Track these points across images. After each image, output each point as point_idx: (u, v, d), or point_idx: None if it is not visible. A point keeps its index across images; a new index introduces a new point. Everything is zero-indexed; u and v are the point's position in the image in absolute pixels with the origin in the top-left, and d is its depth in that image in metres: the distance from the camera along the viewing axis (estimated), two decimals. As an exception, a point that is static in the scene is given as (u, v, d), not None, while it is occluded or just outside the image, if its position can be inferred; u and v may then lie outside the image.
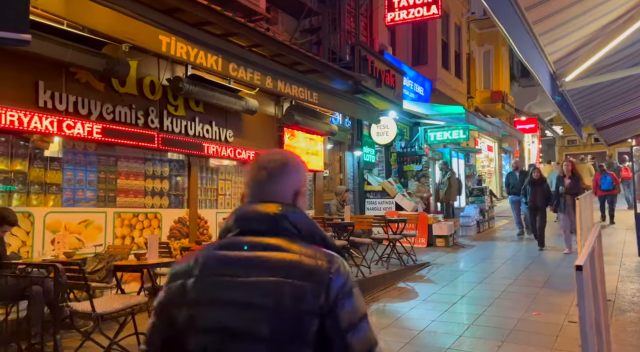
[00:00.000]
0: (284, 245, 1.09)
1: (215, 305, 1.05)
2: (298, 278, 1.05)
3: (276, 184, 1.19)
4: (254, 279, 1.05)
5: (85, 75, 5.21)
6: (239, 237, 1.13)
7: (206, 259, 1.11)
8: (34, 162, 4.86)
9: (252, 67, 6.38)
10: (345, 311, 1.06)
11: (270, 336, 1.01)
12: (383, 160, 12.96)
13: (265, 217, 1.13)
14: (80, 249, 5.07)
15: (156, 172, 6.10)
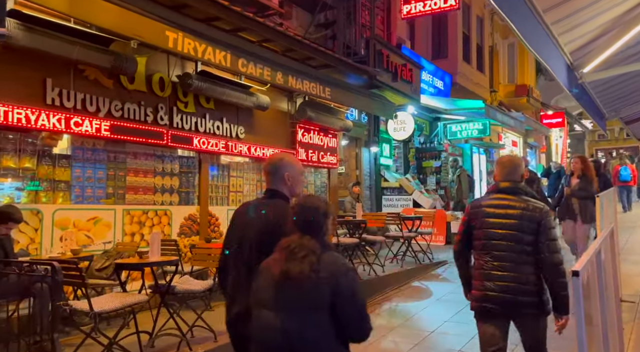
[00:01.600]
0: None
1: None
2: (530, 211, 2.68)
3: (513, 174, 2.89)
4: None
5: (94, 72, 5.21)
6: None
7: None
8: (43, 160, 4.90)
9: (262, 62, 6.29)
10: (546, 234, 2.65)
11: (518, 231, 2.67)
12: (401, 156, 12.74)
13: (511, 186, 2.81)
14: (89, 246, 5.10)
15: (166, 169, 6.09)
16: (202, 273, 5.64)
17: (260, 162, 7.50)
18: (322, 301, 1.85)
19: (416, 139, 12.92)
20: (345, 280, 1.89)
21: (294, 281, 1.85)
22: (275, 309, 1.89)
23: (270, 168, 2.31)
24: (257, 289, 1.98)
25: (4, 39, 2.83)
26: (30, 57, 4.58)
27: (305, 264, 1.86)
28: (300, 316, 1.85)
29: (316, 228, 1.98)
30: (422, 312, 5.83)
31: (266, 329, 1.91)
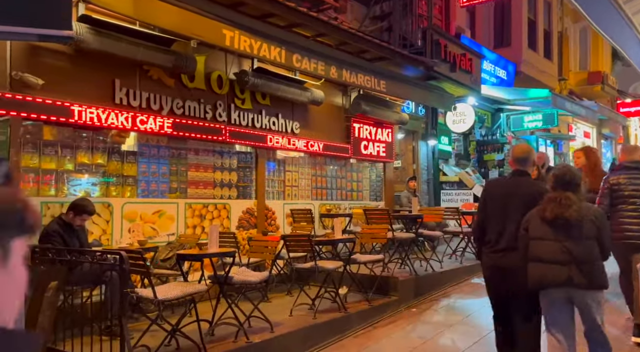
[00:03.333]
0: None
1: None
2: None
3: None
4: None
5: (157, 72, 5.47)
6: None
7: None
8: (112, 156, 5.22)
9: (317, 57, 6.31)
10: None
11: None
12: (461, 149, 12.32)
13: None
14: (154, 237, 5.37)
15: (224, 164, 6.29)
16: (259, 265, 5.78)
17: (315, 157, 7.55)
18: (592, 232, 2.91)
19: (477, 131, 12.43)
20: (602, 220, 2.99)
21: (569, 221, 2.89)
22: (557, 240, 2.92)
23: (522, 156, 3.36)
24: (534, 229, 3.01)
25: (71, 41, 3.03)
26: (100, 59, 4.89)
27: (573, 209, 2.88)
28: (582, 242, 2.90)
29: (573, 186, 2.97)
30: (482, 310, 5.60)
31: (553, 252, 2.91)
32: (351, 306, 5.39)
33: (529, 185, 3.31)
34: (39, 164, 4.68)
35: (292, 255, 5.31)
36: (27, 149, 4.60)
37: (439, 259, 7.18)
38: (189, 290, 3.86)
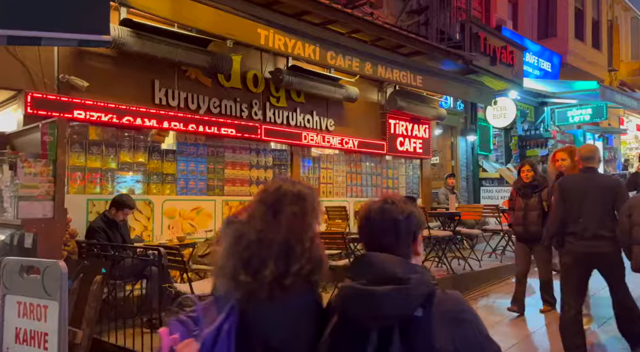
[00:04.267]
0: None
1: None
2: None
3: None
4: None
5: (194, 72, 5.60)
6: None
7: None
8: (152, 155, 5.40)
9: (351, 54, 6.27)
10: None
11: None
12: (502, 145, 11.96)
13: None
14: (192, 234, 5.52)
15: (260, 162, 6.37)
16: (294, 262, 5.82)
17: (350, 154, 7.53)
18: None
19: (519, 125, 12.02)
20: None
21: None
22: None
23: (589, 154, 3.61)
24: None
25: (108, 46, 3.15)
26: (141, 61, 5.05)
27: None
28: None
29: None
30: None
31: None
32: (386, 304, 5.33)
33: (603, 179, 3.79)
34: (85, 163, 4.90)
35: (326, 252, 5.30)
36: (75, 148, 4.83)
37: (478, 258, 7.01)
38: (224, 286, 3.93)
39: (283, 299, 1.11)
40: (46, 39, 2.32)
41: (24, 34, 2.34)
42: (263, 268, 1.11)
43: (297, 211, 1.16)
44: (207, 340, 1.08)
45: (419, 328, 1.10)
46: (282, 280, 1.10)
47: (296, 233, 1.15)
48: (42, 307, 2.05)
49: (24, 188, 3.03)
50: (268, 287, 1.10)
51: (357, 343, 1.11)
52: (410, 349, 1.08)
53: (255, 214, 1.17)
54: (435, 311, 1.11)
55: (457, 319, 1.12)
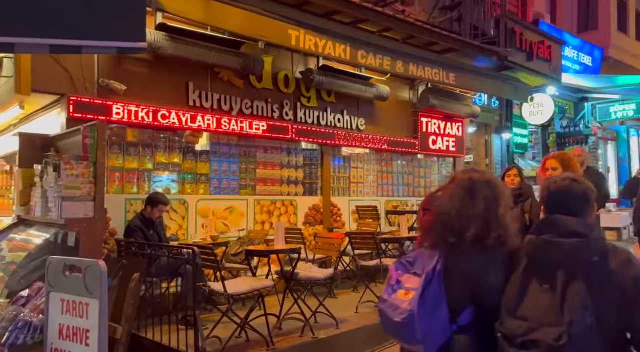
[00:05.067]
0: None
1: None
2: None
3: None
4: None
5: (227, 74, 5.70)
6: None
7: None
8: (187, 155, 5.53)
9: (382, 52, 6.22)
10: None
11: None
12: (539, 143, 11.61)
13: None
14: (226, 233, 5.63)
15: (291, 161, 6.42)
16: (325, 261, 5.85)
17: (381, 153, 7.48)
18: None
19: (557, 122, 11.63)
20: None
21: None
22: None
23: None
24: None
25: (143, 52, 3.24)
26: (176, 64, 5.18)
27: None
28: None
29: None
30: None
31: None
32: (418, 305, 5.28)
33: None
34: (123, 164, 5.08)
35: (357, 252, 5.30)
36: (114, 150, 5.01)
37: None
38: (256, 285, 4.01)
39: (481, 252, 1.61)
40: (86, 48, 2.41)
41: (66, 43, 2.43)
42: (465, 232, 1.61)
43: (489, 194, 1.65)
44: (428, 274, 1.59)
45: (596, 270, 1.49)
46: (483, 241, 1.60)
47: (491, 210, 1.63)
48: (84, 304, 2.13)
49: (67, 189, 3.16)
50: (470, 245, 1.60)
51: (545, 280, 1.51)
52: (590, 283, 1.46)
53: (455, 196, 1.67)
54: (611, 257, 1.52)
55: (628, 262, 1.53)
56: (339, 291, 5.91)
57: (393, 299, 1.64)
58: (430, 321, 1.55)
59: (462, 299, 1.59)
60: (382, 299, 1.70)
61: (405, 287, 1.64)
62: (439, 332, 1.56)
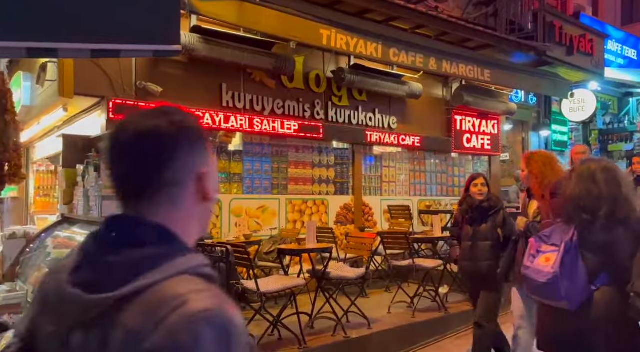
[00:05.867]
0: None
1: None
2: None
3: None
4: None
5: (259, 74, 5.76)
6: None
7: None
8: (221, 155, 5.63)
9: (414, 50, 6.14)
10: None
11: None
12: (580, 140, 11.19)
13: None
14: (258, 231, 5.70)
15: (322, 161, 6.43)
16: (357, 260, 5.82)
17: (414, 152, 7.39)
18: None
19: (599, 119, 11.18)
20: None
21: None
22: None
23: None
24: None
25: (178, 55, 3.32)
26: (209, 65, 5.28)
27: None
28: None
29: None
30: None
31: None
32: (452, 306, 5.20)
33: None
34: (160, 164, 5.21)
35: (389, 252, 5.26)
36: (150, 150, 5.14)
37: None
38: (288, 284, 4.03)
39: (615, 226, 1.88)
40: (125, 52, 2.49)
41: (105, 47, 2.52)
42: (598, 211, 1.88)
43: (609, 178, 1.92)
44: (567, 244, 1.89)
45: None
46: (615, 216, 1.87)
47: (616, 190, 1.90)
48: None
49: (107, 188, 3.27)
50: (604, 221, 1.87)
51: None
52: None
53: (580, 182, 1.95)
54: None
55: None
56: (370, 290, 5.88)
57: (535, 265, 1.99)
58: (572, 282, 1.86)
59: (597, 264, 1.88)
60: (524, 266, 2.06)
61: (545, 255, 1.99)
62: (579, 291, 1.87)
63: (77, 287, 0.69)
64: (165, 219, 0.75)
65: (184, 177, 0.77)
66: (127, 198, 0.77)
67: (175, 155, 0.76)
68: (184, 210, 0.78)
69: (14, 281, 3.38)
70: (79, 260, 0.73)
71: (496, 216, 3.52)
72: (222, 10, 4.83)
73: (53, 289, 0.74)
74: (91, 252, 0.73)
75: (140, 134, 0.76)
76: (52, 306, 0.73)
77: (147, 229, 0.73)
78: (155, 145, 0.76)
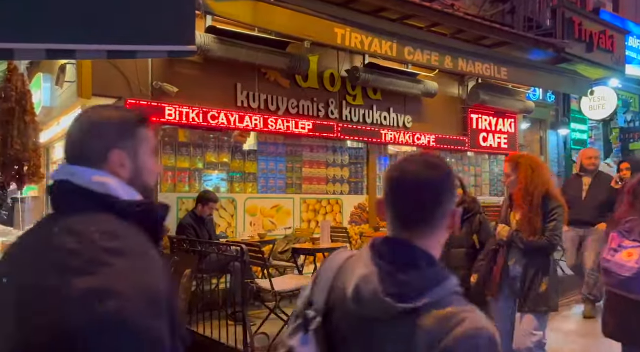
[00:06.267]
0: None
1: None
2: None
3: None
4: None
5: (274, 74, 5.77)
6: None
7: None
8: (235, 155, 5.66)
9: (430, 48, 6.08)
10: None
11: None
12: (600, 139, 10.96)
13: None
14: (273, 231, 5.71)
15: (337, 160, 6.42)
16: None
17: (429, 151, 7.31)
18: None
19: (620, 117, 10.92)
20: None
21: None
22: None
23: None
24: None
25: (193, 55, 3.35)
26: (224, 66, 5.31)
27: None
28: None
29: None
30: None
31: None
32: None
33: None
34: (175, 164, 5.27)
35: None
36: (166, 150, 5.20)
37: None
38: (303, 283, 4.03)
39: None
40: (141, 52, 2.51)
41: (122, 48, 2.54)
42: None
43: None
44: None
45: None
46: None
47: None
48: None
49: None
50: None
51: None
52: None
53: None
54: None
55: None
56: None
57: (617, 259, 2.09)
58: None
59: None
60: (604, 259, 2.18)
61: (627, 251, 2.08)
62: None
63: (388, 297, 0.92)
64: (427, 246, 1.00)
65: (444, 215, 1.01)
66: (401, 228, 1.01)
67: (442, 200, 1.01)
68: (436, 239, 1.02)
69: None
70: (380, 274, 0.96)
71: (472, 220, 3.23)
72: (237, 10, 4.85)
73: (362, 290, 0.96)
74: (386, 270, 0.96)
75: (419, 183, 1.00)
76: (358, 302, 0.96)
77: (421, 254, 0.98)
78: (431, 193, 1.00)
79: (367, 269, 0.98)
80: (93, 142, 0.98)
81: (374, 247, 1.01)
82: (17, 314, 0.79)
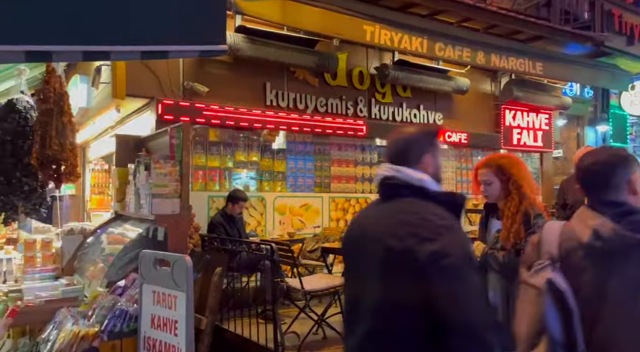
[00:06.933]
0: None
1: None
2: None
3: None
4: None
5: (302, 73, 5.76)
6: None
7: None
8: (264, 154, 5.68)
9: (461, 44, 5.94)
10: None
11: None
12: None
13: None
14: (302, 229, 5.71)
15: (365, 159, 6.36)
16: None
17: (460, 149, 7.17)
18: None
19: (663, 112, 10.42)
20: None
21: None
22: None
23: None
24: None
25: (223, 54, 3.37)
26: (253, 65, 5.33)
27: None
28: None
29: None
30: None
31: None
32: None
33: None
34: (206, 163, 5.33)
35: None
36: (197, 149, 5.27)
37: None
38: (332, 283, 4.01)
39: None
40: (173, 53, 2.52)
41: (154, 48, 2.55)
42: None
43: None
44: None
45: None
46: None
47: None
48: (172, 296, 2.26)
49: (156, 187, 3.35)
50: None
51: None
52: None
53: None
54: None
55: None
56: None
57: None
58: None
59: None
60: None
61: None
62: None
63: (628, 232, 1.35)
64: (631, 200, 1.46)
65: (622, 182, 1.44)
66: (604, 194, 1.45)
67: (616, 172, 1.45)
68: (625, 196, 1.45)
69: (72, 275, 3.54)
70: (613, 219, 1.40)
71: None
72: (266, 9, 4.86)
73: (601, 231, 1.39)
74: (616, 217, 1.39)
75: (605, 164, 1.47)
76: (598, 239, 1.37)
77: (631, 206, 1.43)
78: (610, 169, 1.46)
79: (598, 219, 1.39)
80: (413, 149, 1.40)
81: (594, 209, 1.43)
82: (384, 265, 1.26)
